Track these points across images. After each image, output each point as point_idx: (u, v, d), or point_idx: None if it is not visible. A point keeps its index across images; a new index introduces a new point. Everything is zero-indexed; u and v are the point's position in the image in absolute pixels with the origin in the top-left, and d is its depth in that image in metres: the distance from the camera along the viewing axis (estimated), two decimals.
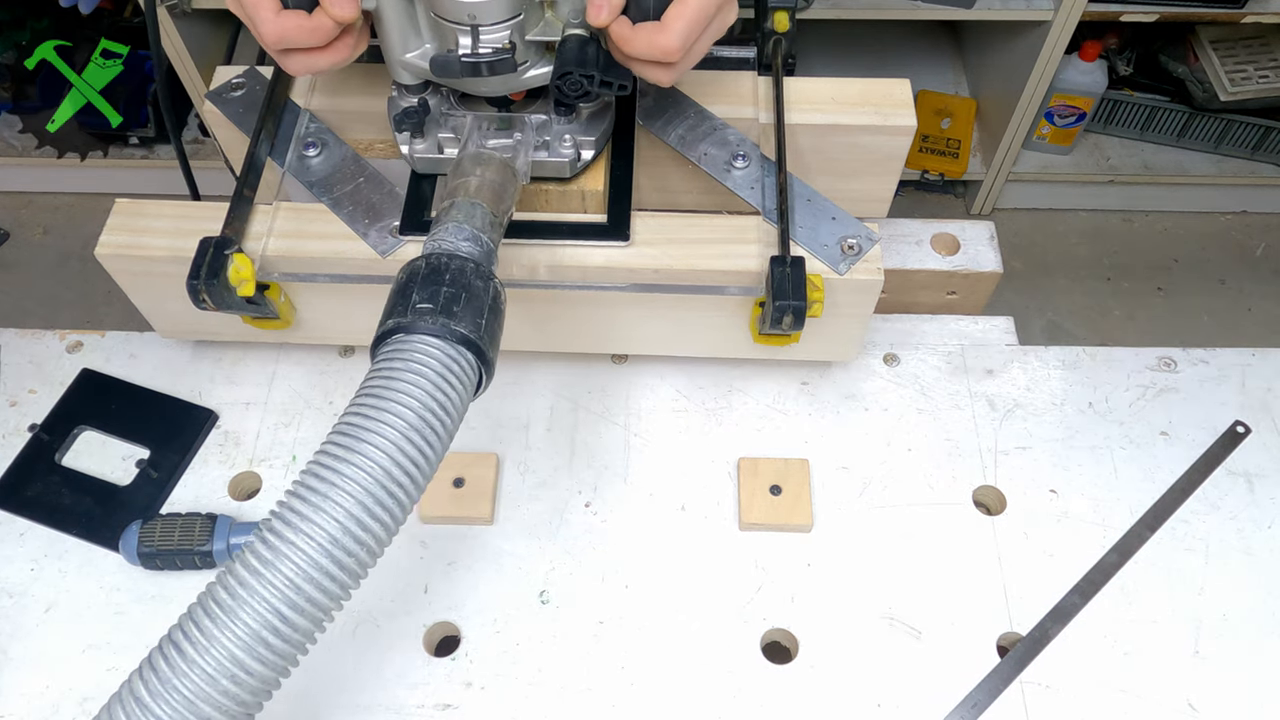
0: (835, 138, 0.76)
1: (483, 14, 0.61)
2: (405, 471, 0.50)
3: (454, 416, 0.53)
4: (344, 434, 0.50)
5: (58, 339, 0.85)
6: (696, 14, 0.60)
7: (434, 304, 0.54)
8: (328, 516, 0.48)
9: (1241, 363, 0.82)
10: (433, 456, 0.52)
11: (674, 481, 0.77)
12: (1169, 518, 0.75)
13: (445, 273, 0.56)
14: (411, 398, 0.51)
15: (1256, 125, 1.96)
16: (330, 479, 0.49)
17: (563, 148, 0.70)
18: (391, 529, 0.51)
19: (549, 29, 0.64)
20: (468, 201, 0.60)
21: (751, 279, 0.70)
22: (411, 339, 0.53)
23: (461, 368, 0.54)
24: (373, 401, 0.51)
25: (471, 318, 0.55)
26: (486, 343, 0.55)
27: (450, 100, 0.72)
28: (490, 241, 0.59)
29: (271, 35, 0.60)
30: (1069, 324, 1.97)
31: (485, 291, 0.56)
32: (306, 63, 0.63)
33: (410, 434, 0.50)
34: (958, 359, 0.83)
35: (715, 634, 0.70)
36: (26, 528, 0.75)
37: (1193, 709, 0.67)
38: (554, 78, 0.64)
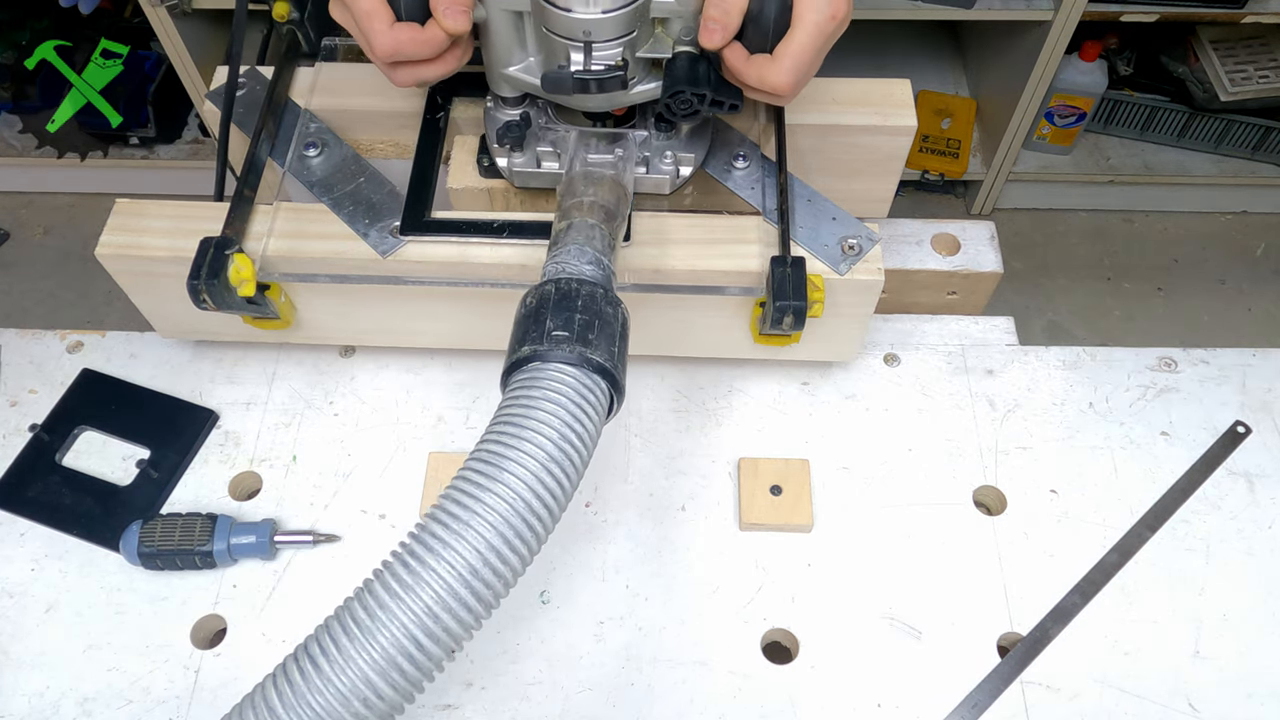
0: (835, 138, 0.76)
1: (598, 31, 0.61)
2: (544, 503, 0.49)
3: (589, 447, 0.52)
4: (485, 461, 0.50)
5: (58, 339, 0.85)
6: (809, 49, 0.59)
7: (569, 331, 0.53)
8: (468, 545, 0.47)
9: (1242, 363, 0.82)
10: (569, 488, 0.51)
11: (674, 481, 0.77)
12: (1169, 518, 0.75)
13: (577, 298, 0.55)
14: (551, 428, 0.50)
15: (1256, 125, 1.96)
16: (472, 506, 0.48)
17: (663, 164, 0.70)
18: (527, 560, 0.50)
19: (659, 46, 0.64)
20: (585, 223, 0.59)
21: (752, 279, 0.70)
22: (548, 368, 0.52)
23: (597, 397, 0.53)
24: (513, 430, 0.50)
25: (606, 345, 0.54)
26: (620, 370, 0.55)
27: (548, 114, 0.71)
28: (610, 265, 0.59)
29: (385, 48, 0.60)
30: (1069, 324, 1.97)
31: (615, 318, 0.56)
32: (416, 74, 0.63)
33: (550, 465, 0.49)
34: (958, 359, 0.83)
35: (715, 634, 0.70)
36: (27, 528, 0.75)
37: (1193, 709, 0.67)
38: (664, 95, 0.63)
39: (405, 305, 0.75)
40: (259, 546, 0.72)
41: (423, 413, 0.80)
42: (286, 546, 0.73)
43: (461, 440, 0.79)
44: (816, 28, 0.59)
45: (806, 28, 0.59)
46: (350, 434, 0.79)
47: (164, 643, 0.70)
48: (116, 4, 1.96)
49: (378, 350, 0.84)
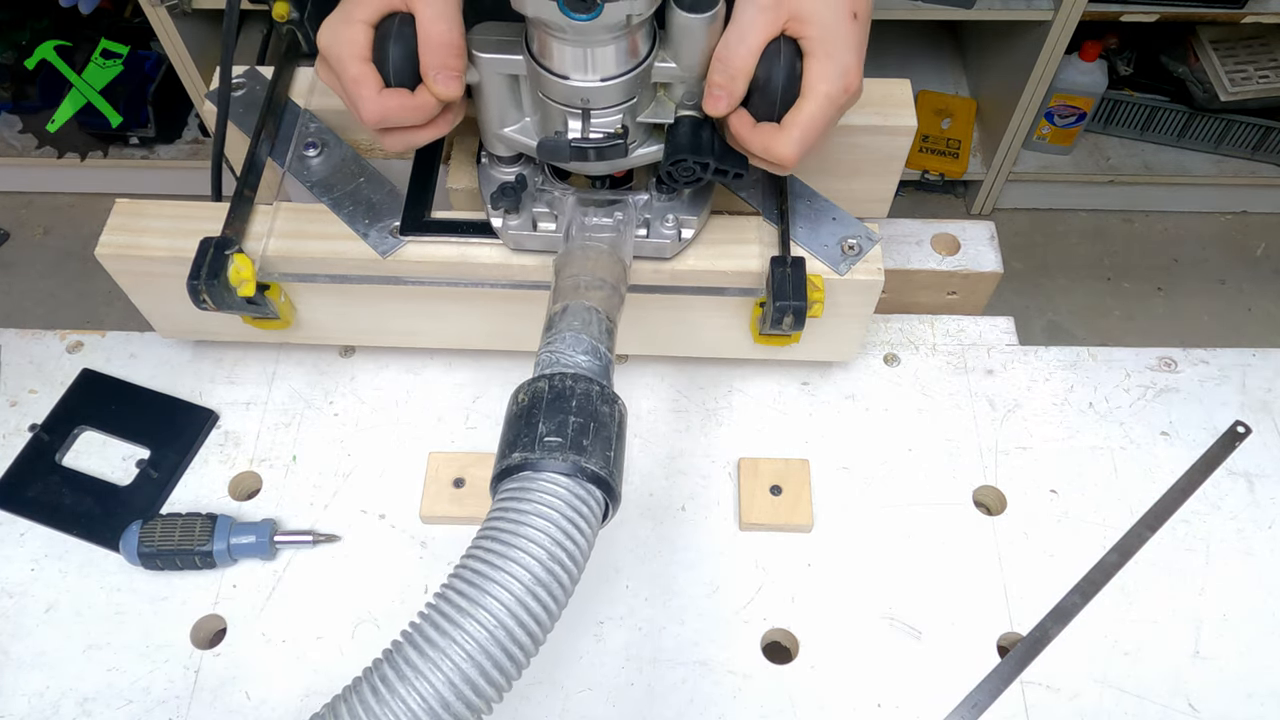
0: (835, 138, 0.76)
1: (597, 99, 0.58)
2: (527, 630, 0.47)
3: (580, 563, 0.49)
4: (467, 581, 0.47)
5: (58, 339, 0.85)
6: (818, 121, 0.57)
7: (562, 437, 0.50)
8: (441, 676, 0.45)
9: (1242, 363, 0.82)
10: (555, 609, 0.48)
11: (674, 481, 0.77)
12: (1169, 518, 0.75)
13: (571, 398, 0.52)
14: (540, 546, 0.47)
15: (1256, 125, 1.96)
16: (449, 631, 0.46)
17: (664, 228, 0.67)
18: (505, 688, 0.47)
19: (661, 110, 0.61)
20: (583, 306, 0.57)
21: (752, 279, 0.70)
22: (540, 478, 0.49)
23: (591, 509, 0.50)
24: (499, 548, 0.47)
25: (601, 451, 0.51)
26: (615, 477, 0.52)
27: (545, 173, 0.69)
28: (608, 352, 0.56)
29: (373, 116, 0.58)
30: (1069, 324, 1.97)
31: (611, 418, 0.53)
32: (407, 139, 0.61)
33: (535, 587, 0.47)
34: (958, 359, 0.83)
35: (715, 634, 0.70)
36: (26, 528, 0.75)
37: (1193, 709, 0.67)
38: (666, 163, 0.61)
39: (405, 305, 0.75)
40: (259, 546, 0.71)
41: (423, 413, 0.80)
42: (286, 546, 0.73)
43: (461, 440, 0.79)
44: (828, 99, 0.56)
45: (818, 99, 0.56)
46: (350, 434, 0.79)
47: (164, 643, 0.70)
48: (116, 4, 1.96)
49: (378, 350, 0.84)
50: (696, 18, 0.56)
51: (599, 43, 0.56)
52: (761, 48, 0.56)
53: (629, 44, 0.57)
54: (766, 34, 0.56)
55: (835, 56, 0.56)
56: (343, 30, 0.58)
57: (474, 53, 0.60)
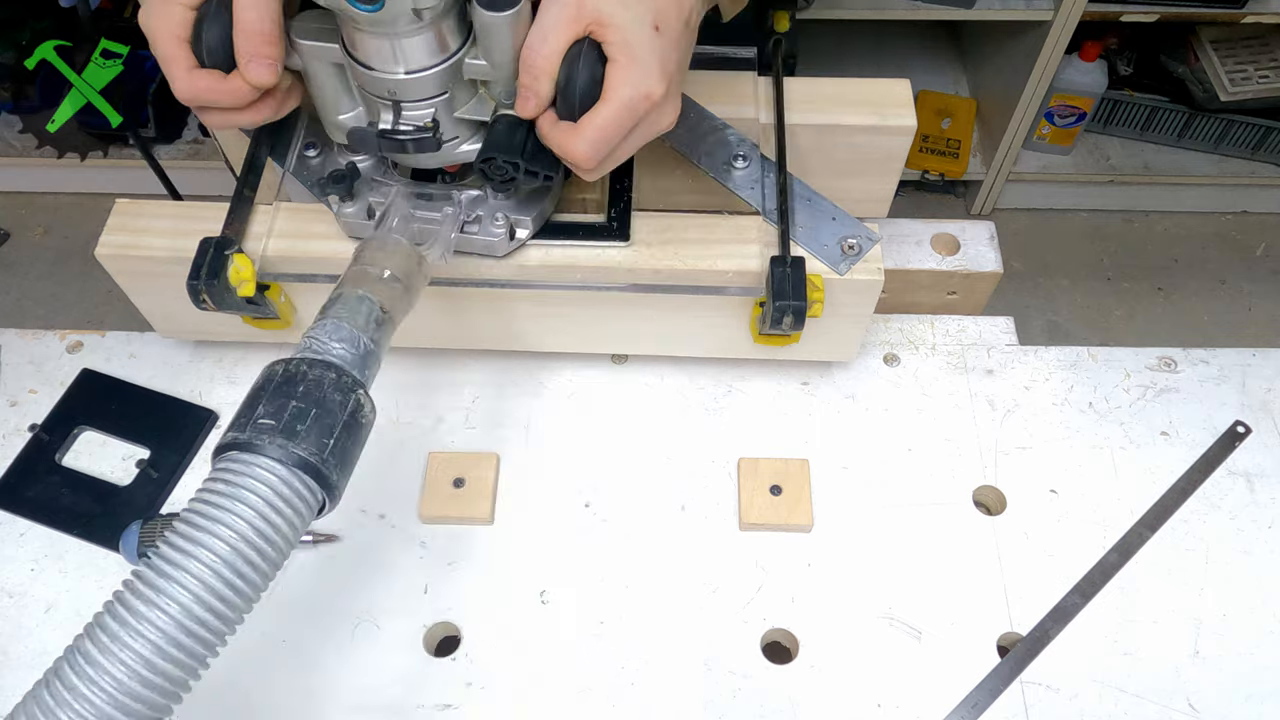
0: (835, 138, 0.76)
1: (404, 91, 0.59)
2: (213, 611, 0.47)
3: (279, 545, 0.50)
4: (152, 569, 0.47)
5: (58, 339, 0.85)
6: (613, 123, 0.56)
7: (277, 420, 0.51)
8: (118, 663, 0.45)
9: (1242, 363, 0.82)
10: (248, 590, 0.49)
11: (674, 481, 0.77)
12: (1169, 518, 0.75)
13: (300, 383, 0.52)
14: (231, 530, 0.48)
15: (1256, 125, 1.96)
16: (130, 621, 0.46)
17: (494, 226, 0.67)
18: (196, 666, 0.48)
19: (481, 108, 0.62)
20: (355, 295, 0.57)
21: (751, 279, 0.70)
22: (247, 458, 0.50)
23: (297, 493, 0.50)
24: (192, 531, 0.48)
25: (317, 437, 0.51)
26: (331, 465, 0.51)
27: (387, 165, 0.69)
28: (370, 342, 0.56)
29: (183, 95, 0.58)
30: (1069, 324, 1.97)
31: (342, 406, 0.52)
32: (227, 119, 0.61)
33: (222, 569, 0.47)
34: (958, 359, 0.83)
35: (715, 634, 0.70)
36: (26, 528, 0.75)
37: (1193, 709, 0.67)
38: (478, 160, 0.61)
39: None
40: None
41: (423, 412, 0.80)
42: None
43: (461, 440, 0.79)
44: (625, 105, 0.56)
45: (614, 103, 0.56)
46: None
47: None
48: (116, 4, 1.96)
49: None
50: (496, 16, 0.56)
51: (401, 34, 0.56)
52: (563, 49, 0.56)
53: (435, 37, 0.57)
54: (568, 35, 0.56)
55: (637, 63, 0.56)
56: (161, 8, 0.58)
57: (294, 39, 0.60)
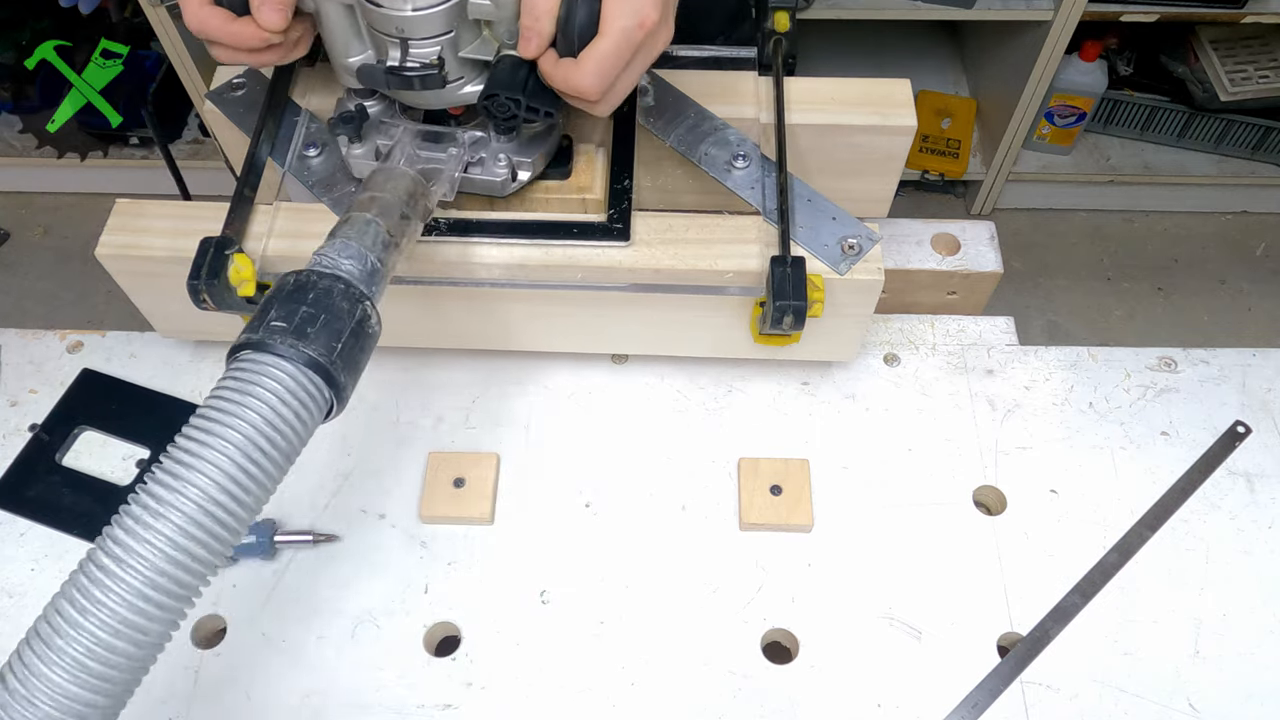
0: (835, 138, 0.76)
1: (411, 28, 0.61)
2: (232, 496, 0.49)
3: (291, 439, 0.52)
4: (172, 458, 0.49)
5: (58, 339, 0.85)
6: (612, 54, 0.59)
7: (288, 323, 0.53)
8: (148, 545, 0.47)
9: (1242, 363, 0.82)
10: (264, 478, 0.51)
11: (674, 481, 0.77)
12: (1169, 518, 0.75)
13: (310, 290, 0.54)
14: (245, 421, 0.50)
15: (1256, 125, 1.96)
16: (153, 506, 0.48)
17: (497, 167, 0.70)
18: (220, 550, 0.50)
19: (484, 48, 0.64)
20: (363, 218, 0.59)
21: (751, 279, 0.70)
22: (258, 356, 0.52)
23: (306, 391, 0.52)
24: (206, 424, 0.50)
25: (326, 340, 0.53)
26: (339, 367, 0.53)
27: (395, 108, 0.71)
28: (378, 261, 0.58)
29: (191, 25, 0.60)
30: (1069, 324, 1.97)
31: (350, 314, 0.55)
32: (234, 57, 0.62)
33: (238, 457, 0.49)
34: (958, 359, 0.83)
35: (715, 634, 0.70)
36: (26, 528, 0.75)
37: (1193, 709, 0.67)
38: (481, 98, 0.63)
39: (405, 305, 0.75)
40: (259, 546, 0.72)
41: (423, 412, 0.80)
42: (286, 546, 0.73)
43: (461, 440, 0.79)
44: (623, 34, 0.58)
45: (612, 34, 0.58)
46: (350, 434, 0.79)
47: None
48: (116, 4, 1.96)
49: (377, 350, 0.83)
50: None
51: None
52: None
53: None
54: None
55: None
56: None
57: None
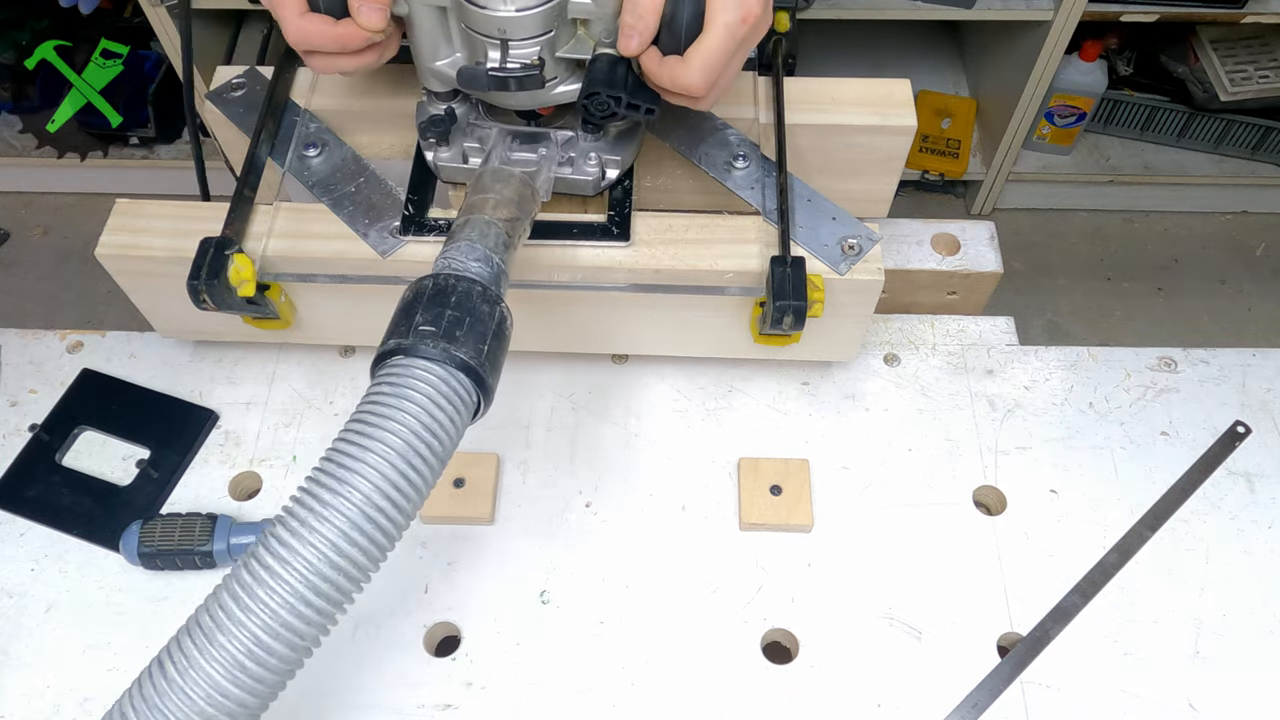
0: (835, 138, 0.76)
1: (513, 29, 0.61)
2: (392, 501, 0.50)
3: (446, 443, 0.52)
4: (333, 461, 0.50)
5: (58, 339, 0.85)
6: (719, 51, 0.59)
7: (436, 327, 0.53)
8: (311, 547, 0.48)
9: (1242, 363, 0.82)
10: (421, 484, 0.51)
11: (674, 481, 0.77)
12: (1169, 518, 0.75)
13: (451, 294, 0.55)
14: (403, 425, 0.50)
15: (1256, 125, 1.96)
16: (316, 509, 0.49)
17: (588, 166, 0.70)
18: (378, 556, 0.50)
19: (580, 47, 0.64)
20: (483, 220, 0.60)
21: (752, 279, 0.70)
22: (411, 361, 0.53)
23: (459, 394, 0.53)
24: (364, 428, 0.51)
25: (474, 343, 0.54)
26: (487, 369, 0.54)
27: (479, 110, 0.71)
28: (501, 263, 0.59)
29: (293, 37, 0.60)
30: (1069, 324, 1.97)
31: (490, 316, 0.56)
32: (333, 64, 0.63)
33: (398, 462, 0.50)
34: (958, 359, 0.83)
35: (715, 634, 0.70)
36: (26, 528, 0.75)
37: (1193, 709, 0.67)
38: (581, 96, 0.63)
39: None
40: None
41: None
42: None
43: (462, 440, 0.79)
44: (727, 29, 0.59)
45: (717, 30, 0.59)
46: None
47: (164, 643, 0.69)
48: (116, 4, 1.96)
49: None
50: None
51: None
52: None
53: None
54: None
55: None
56: None
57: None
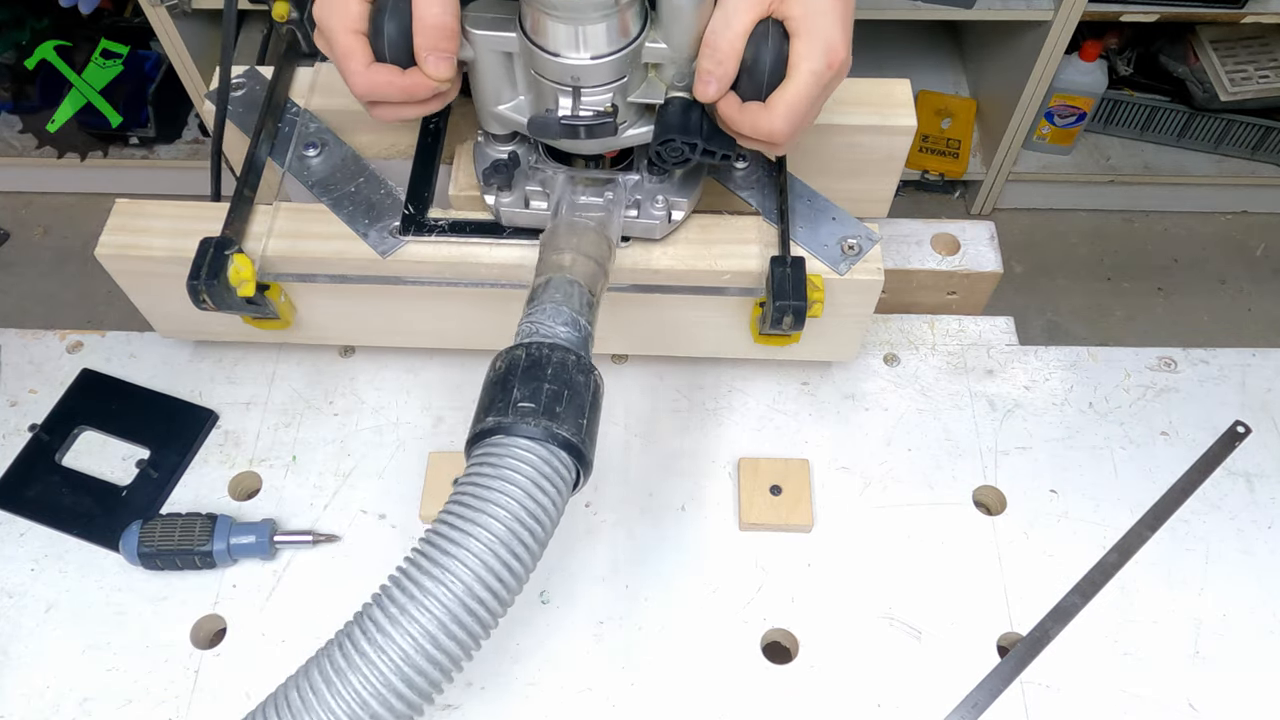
0: (835, 138, 0.76)
1: (586, 77, 0.59)
2: (491, 591, 0.48)
3: (548, 526, 0.51)
4: (433, 545, 0.49)
5: (58, 339, 0.85)
6: (804, 98, 0.57)
7: (535, 403, 0.51)
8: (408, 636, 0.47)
9: (1242, 363, 0.82)
10: (521, 571, 0.50)
11: (674, 481, 0.77)
12: (1169, 518, 0.75)
13: (547, 366, 0.53)
14: (506, 510, 0.49)
15: (1256, 125, 1.96)
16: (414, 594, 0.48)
17: (654, 209, 0.68)
18: (473, 646, 0.49)
19: (652, 91, 0.62)
20: (565, 280, 0.58)
21: (751, 279, 0.70)
22: (512, 441, 0.51)
23: (560, 474, 0.51)
24: (466, 511, 0.49)
25: (574, 418, 0.52)
26: (587, 445, 0.53)
27: (539, 152, 0.69)
28: (588, 325, 0.57)
29: (361, 90, 0.59)
30: (1069, 324, 1.97)
31: (586, 387, 0.54)
32: (397, 114, 0.61)
33: (500, 550, 0.48)
34: (958, 359, 0.83)
35: (715, 634, 0.70)
36: (26, 528, 0.75)
37: (1193, 709, 0.67)
38: (655, 142, 0.62)
39: (405, 305, 0.75)
40: (259, 546, 0.71)
41: (423, 413, 0.80)
42: (286, 546, 0.73)
43: (461, 440, 0.79)
44: (813, 76, 0.57)
45: (802, 76, 0.57)
46: (350, 434, 0.79)
47: (164, 643, 0.70)
48: (116, 4, 1.96)
49: (378, 350, 0.84)
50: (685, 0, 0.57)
51: (590, 20, 0.57)
52: (748, 31, 0.57)
53: (619, 23, 0.58)
54: (753, 17, 0.57)
55: (818, 34, 0.57)
56: (338, 2, 0.58)
57: (468, 29, 0.60)
